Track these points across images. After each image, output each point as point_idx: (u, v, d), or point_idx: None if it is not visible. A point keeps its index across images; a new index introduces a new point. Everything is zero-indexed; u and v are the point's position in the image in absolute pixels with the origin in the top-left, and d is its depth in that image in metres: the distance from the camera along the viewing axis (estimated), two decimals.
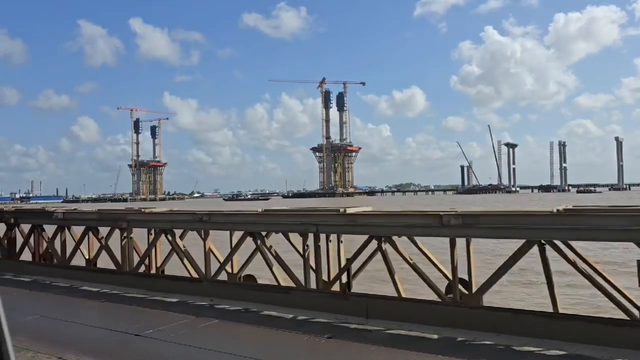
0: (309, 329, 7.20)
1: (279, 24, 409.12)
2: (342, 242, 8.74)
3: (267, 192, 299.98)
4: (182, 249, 10.29)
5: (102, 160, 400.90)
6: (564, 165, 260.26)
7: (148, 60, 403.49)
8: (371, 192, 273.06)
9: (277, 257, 9.04)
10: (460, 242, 7.18)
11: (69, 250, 12.41)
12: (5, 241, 13.66)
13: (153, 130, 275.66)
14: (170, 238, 10.40)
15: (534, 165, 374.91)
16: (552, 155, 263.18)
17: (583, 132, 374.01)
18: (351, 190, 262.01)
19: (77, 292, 10.40)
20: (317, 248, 8.47)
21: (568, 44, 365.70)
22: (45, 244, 13.29)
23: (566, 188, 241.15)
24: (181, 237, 10.35)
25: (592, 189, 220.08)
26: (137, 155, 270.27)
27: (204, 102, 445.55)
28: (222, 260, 9.81)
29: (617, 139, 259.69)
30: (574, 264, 6.57)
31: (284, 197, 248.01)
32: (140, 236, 11.49)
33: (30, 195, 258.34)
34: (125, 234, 11.05)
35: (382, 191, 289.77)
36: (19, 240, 13.76)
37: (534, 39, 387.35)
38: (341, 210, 8.22)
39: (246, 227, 9.25)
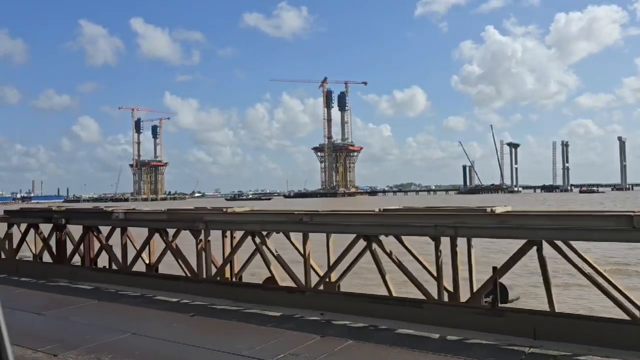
0: (471, 353, 5.99)
1: (279, 24, 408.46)
2: (472, 247, 7.58)
3: (268, 192, 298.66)
4: (275, 253, 9.08)
5: (102, 160, 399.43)
6: (566, 165, 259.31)
7: (149, 60, 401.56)
8: (373, 192, 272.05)
9: (400, 265, 7.83)
10: None
11: (129, 254, 11.21)
12: (54, 244, 12.45)
13: (154, 130, 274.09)
14: (258, 241, 9.20)
15: (535, 165, 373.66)
16: (554, 155, 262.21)
17: (584, 132, 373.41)
18: (353, 190, 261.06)
19: (155, 303, 9.16)
20: (454, 254, 7.28)
21: (569, 44, 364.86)
22: (94, 248, 12.11)
23: (569, 188, 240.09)
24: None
25: (595, 189, 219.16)
26: (139, 155, 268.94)
27: (204, 101, 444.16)
28: (318, 266, 8.65)
29: (620, 138, 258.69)
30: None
31: (286, 197, 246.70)
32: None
33: (32, 195, 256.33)
34: (201, 237, 9.84)
35: (384, 191, 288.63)
36: (68, 243, 12.58)
37: (535, 38, 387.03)
38: (488, 209, 7.02)
39: (360, 229, 8.04)
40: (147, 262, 11.22)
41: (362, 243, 8.06)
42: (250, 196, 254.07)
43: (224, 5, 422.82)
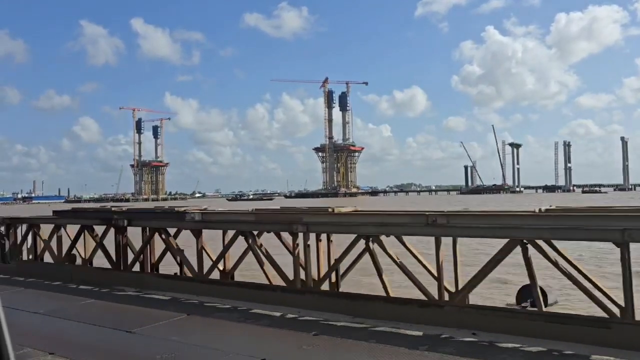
0: None
1: (280, 24, 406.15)
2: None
3: (269, 192, 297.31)
4: (397, 260, 7.86)
5: (102, 160, 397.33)
6: (568, 165, 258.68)
7: (149, 60, 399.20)
8: (374, 193, 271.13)
9: (586, 277, 6.60)
10: None
11: (205, 260, 9.98)
12: (114, 248, 11.21)
13: (155, 130, 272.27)
14: (373, 246, 7.97)
15: (535, 165, 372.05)
16: (556, 156, 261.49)
17: (584, 132, 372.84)
18: (354, 190, 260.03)
19: (257, 318, 7.88)
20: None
21: (570, 44, 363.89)
22: (155, 252, 10.88)
23: (571, 188, 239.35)
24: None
25: (598, 189, 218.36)
26: (139, 155, 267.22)
27: (204, 102, 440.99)
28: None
29: (622, 138, 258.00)
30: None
31: (287, 197, 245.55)
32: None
33: (33, 195, 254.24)
34: (298, 241, 8.61)
35: (385, 191, 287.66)
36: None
37: (536, 38, 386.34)
38: None
39: (516, 232, 6.80)
40: (221, 268, 10.02)
41: (517, 250, 6.84)
42: (252, 196, 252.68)
43: (224, 6, 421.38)
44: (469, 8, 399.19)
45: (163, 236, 10.54)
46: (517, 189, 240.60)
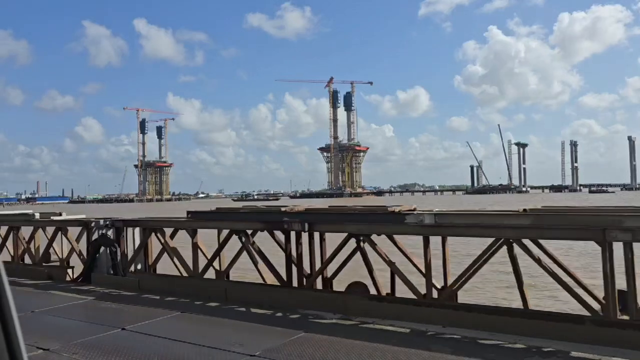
0: None
1: (283, 24, 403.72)
2: None
3: (272, 192, 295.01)
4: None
5: (105, 160, 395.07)
6: (575, 164, 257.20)
7: (152, 61, 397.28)
8: (379, 193, 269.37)
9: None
10: None
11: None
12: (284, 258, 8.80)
13: (159, 131, 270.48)
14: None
15: (538, 165, 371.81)
16: (563, 155, 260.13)
17: (587, 132, 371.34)
18: (359, 190, 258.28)
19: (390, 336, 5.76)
20: None
21: (573, 44, 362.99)
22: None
23: (578, 188, 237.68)
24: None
25: (605, 189, 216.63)
26: (144, 156, 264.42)
27: (207, 102, 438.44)
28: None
29: (629, 138, 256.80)
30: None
31: (291, 197, 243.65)
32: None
33: (36, 196, 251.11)
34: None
35: (390, 192, 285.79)
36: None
37: (539, 38, 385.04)
38: None
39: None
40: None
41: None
42: (256, 197, 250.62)
43: (227, 6, 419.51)
44: (472, 8, 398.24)
45: (362, 244, 8.10)
46: (524, 189, 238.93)
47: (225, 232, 9.74)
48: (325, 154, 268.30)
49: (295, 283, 8.86)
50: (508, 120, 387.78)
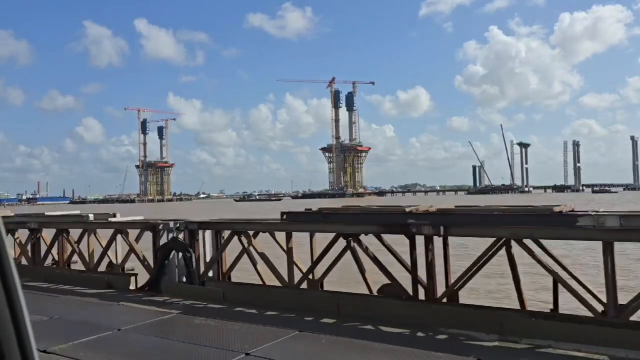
0: None
1: (284, 24, 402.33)
2: None
3: (273, 192, 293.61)
4: None
5: (105, 161, 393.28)
6: (577, 164, 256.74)
7: (153, 61, 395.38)
8: (380, 193, 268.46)
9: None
10: None
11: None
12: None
13: (160, 131, 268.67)
14: None
15: (539, 165, 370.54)
16: (566, 155, 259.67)
17: (588, 132, 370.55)
18: (361, 190, 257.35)
19: None
20: None
21: (573, 44, 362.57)
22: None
23: (580, 188, 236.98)
24: None
25: (608, 189, 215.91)
26: (145, 156, 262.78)
27: (208, 102, 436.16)
28: None
29: (632, 138, 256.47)
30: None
31: (293, 197, 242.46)
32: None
33: (37, 196, 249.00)
34: None
35: (392, 192, 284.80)
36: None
37: (539, 38, 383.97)
38: None
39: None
40: None
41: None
42: (257, 197, 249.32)
43: (228, 6, 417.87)
44: (473, 8, 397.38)
45: (511, 250, 6.84)
46: (526, 189, 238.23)
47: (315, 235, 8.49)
48: (327, 154, 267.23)
49: (421, 296, 7.61)
50: (508, 120, 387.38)
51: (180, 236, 10.30)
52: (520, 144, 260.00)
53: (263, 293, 8.86)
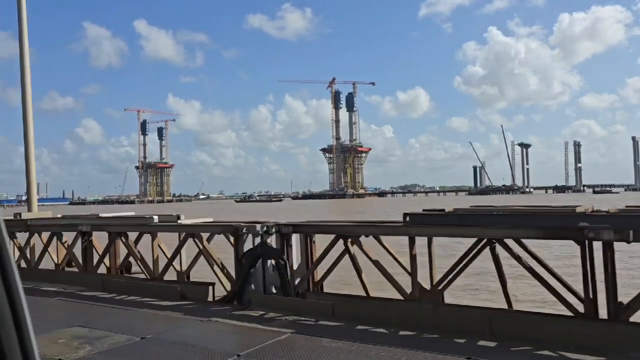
0: None
1: (284, 25, 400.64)
2: None
3: (273, 193, 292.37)
4: None
5: (105, 162, 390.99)
6: (578, 165, 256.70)
7: (152, 62, 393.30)
8: (381, 194, 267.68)
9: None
10: None
11: None
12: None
13: (160, 132, 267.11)
14: None
15: (539, 165, 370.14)
16: (566, 156, 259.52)
17: (587, 132, 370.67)
18: (361, 191, 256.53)
19: None
20: None
21: (573, 44, 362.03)
22: None
23: (581, 189, 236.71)
24: None
25: (609, 189, 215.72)
26: (144, 157, 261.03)
27: (207, 103, 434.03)
28: None
29: (634, 138, 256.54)
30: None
31: (293, 198, 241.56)
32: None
33: (37, 197, 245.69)
34: None
35: (393, 192, 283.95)
36: None
37: (539, 39, 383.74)
38: None
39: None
40: None
41: None
42: (257, 198, 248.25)
43: (227, 7, 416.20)
44: (472, 9, 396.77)
45: None
46: (527, 190, 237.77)
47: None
48: (327, 154, 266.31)
49: (599, 313, 6.36)
50: (508, 121, 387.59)
51: (268, 240, 9.03)
52: (521, 145, 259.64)
53: (389, 307, 7.56)
